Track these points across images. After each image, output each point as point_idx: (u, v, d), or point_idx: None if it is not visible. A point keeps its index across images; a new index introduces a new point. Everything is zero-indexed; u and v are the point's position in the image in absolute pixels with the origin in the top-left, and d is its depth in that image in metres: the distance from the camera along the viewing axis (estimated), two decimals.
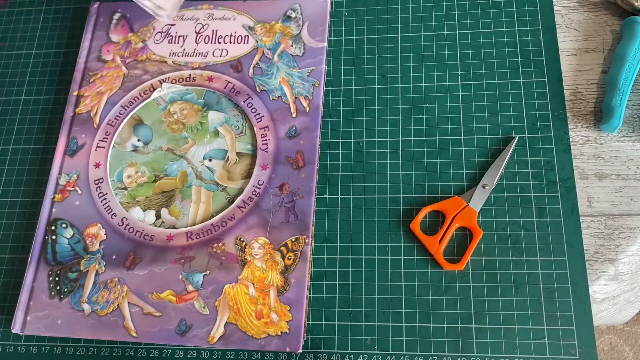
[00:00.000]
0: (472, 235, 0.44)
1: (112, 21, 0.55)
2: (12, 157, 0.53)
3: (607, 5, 0.51)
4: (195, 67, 0.52)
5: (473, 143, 0.47)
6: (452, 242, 0.45)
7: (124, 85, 0.52)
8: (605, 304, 0.48)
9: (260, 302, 0.43)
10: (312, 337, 0.43)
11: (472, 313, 0.43)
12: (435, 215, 0.46)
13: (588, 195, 0.46)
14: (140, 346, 0.45)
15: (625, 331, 1.16)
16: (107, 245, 0.47)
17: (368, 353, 0.43)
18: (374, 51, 0.52)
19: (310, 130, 0.48)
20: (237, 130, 0.50)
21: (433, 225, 0.45)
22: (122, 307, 0.44)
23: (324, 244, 0.46)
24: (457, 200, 0.45)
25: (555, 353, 0.41)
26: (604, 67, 0.49)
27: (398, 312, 0.43)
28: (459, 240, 0.45)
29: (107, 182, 0.49)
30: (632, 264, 0.45)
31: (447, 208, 0.45)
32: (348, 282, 0.45)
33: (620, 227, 0.45)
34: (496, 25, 0.51)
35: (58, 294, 0.46)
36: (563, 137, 0.47)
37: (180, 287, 0.44)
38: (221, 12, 0.54)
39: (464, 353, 0.42)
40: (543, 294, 0.42)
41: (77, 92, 0.53)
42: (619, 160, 0.46)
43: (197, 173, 0.49)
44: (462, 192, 0.46)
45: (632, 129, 0.47)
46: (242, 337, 0.43)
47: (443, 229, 0.44)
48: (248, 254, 0.45)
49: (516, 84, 0.49)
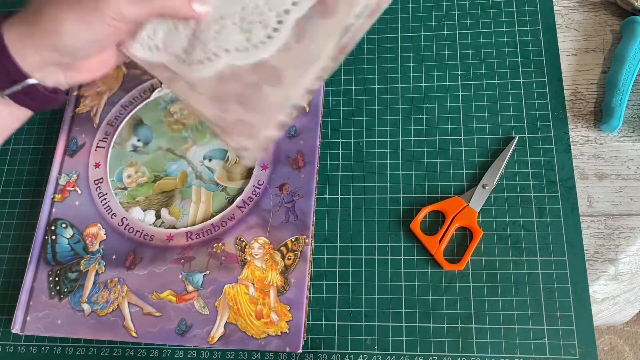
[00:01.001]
0: (472, 235, 0.44)
1: None
2: (12, 157, 0.53)
3: (607, 5, 0.51)
4: None
5: (473, 143, 0.47)
6: (452, 242, 0.45)
7: (124, 85, 0.52)
8: (605, 304, 0.48)
9: (260, 302, 0.43)
10: (312, 337, 0.43)
11: (472, 313, 0.43)
12: (435, 215, 0.46)
13: (588, 195, 0.46)
14: (140, 346, 0.45)
15: (625, 331, 1.16)
16: (107, 245, 0.47)
17: (368, 353, 0.43)
18: (374, 51, 0.52)
19: (310, 130, 0.48)
20: None
21: (433, 225, 0.45)
22: (122, 307, 0.44)
23: (324, 244, 0.46)
24: (457, 200, 0.45)
25: (555, 353, 0.41)
26: (604, 67, 0.49)
27: (398, 312, 0.43)
28: (459, 240, 0.45)
29: (107, 182, 0.49)
30: (632, 264, 0.45)
31: (447, 208, 0.45)
32: (348, 282, 0.45)
33: (620, 227, 0.45)
34: (496, 25, 0.51)
35: (58, 294, 0.46)
36: (563, 137, 0.47)
37: (180, 287, 0.44)
38: None
39: (464, 353, 0.42)
40: (543, 294, 0.42)
41: (77, 92, 0.53)
42: (619, 160, 0.46)
43: (197, 173, 0.49)
44: (462, 192, 0.46)
45: (632, 129, 0.47)
46: (242, 337, 0.43)
47: (443, 229, 0.44)
48: (248, 254, 0.45)
49: (516, 84, 0.49)
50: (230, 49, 0.37)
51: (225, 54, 0.37)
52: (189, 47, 0.37)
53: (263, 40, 0.37)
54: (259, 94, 0.37)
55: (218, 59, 0.37)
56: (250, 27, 0.37)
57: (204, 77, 0.37)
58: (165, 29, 0.37)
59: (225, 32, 0.37)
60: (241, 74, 0.37)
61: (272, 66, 0.37)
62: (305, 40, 0.37)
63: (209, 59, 0.37)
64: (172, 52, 0.38)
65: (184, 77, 0.38)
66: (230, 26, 0.37)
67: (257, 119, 0.38)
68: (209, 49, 0.37)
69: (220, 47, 0.37)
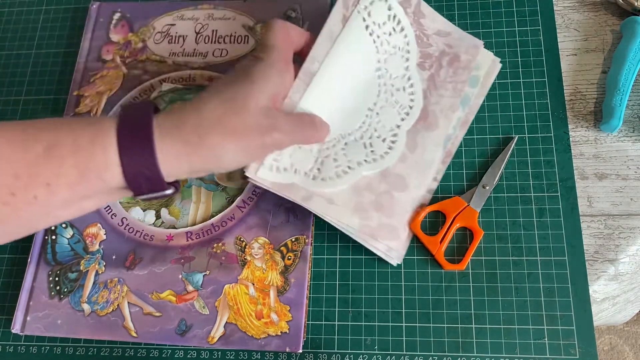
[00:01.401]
0: (472, 235, 0.44)
1: (112, 21, 0.55)
2: None
3: (607, 5, 0.51)
4: (195, 67, 0.52)
5: (473, 143, 0.47)
6: (453, 242, 0.45)
7: (124, 85, 0.52)
8: (605, 304, 0.48)
9: (260, 302, 0.43)
10: (312, 337, 0.43)
11: (472, 313, 0.43)
12: (435, 215, 0.46)
13: (588, 195, 0.46)
14: (140, 346, 0.45)
15: (625, 331, 1.16)
16: (107, 245, 0.47)
17: (368, 353, 0.43)
18: None
19: None
20: None
21: (433, 225, 0.45)
22: (122, 307, 0.44)
23: (324, 244, 0.46)
24: (458, 200, 0.45)
25: (555, 353, 0.41)
26: (604, 67, 0.49)
27: (398, 312, 0.43)
28: (459, 241, 0.45)
29: None
30: (632, 264, 0.45)
31: (447, 208, 0.45)
32: (348, 282, 0.45)
33: (620, 227, 0.45)
34: (496, 25, 0.51)
35: (58, 294, 0.46)
36: (563, 137, 0.47)
37: (180, 287, 0.44)
38: (221, 12, 0.54)
39: (464, 353, 0.42)
40: (543, 294, 0.42)
41: (77, 92, 0.53)
42: (619, 160, 0.46)
43: None
44: (462, 192, 0.46)
45: (632, 129, 0.47)
46: (242, 337, 0.43)
47: (444, 229, 0.44)
48: (248, 254, 0.45)
49: (516, 84, 0.49)
50: (360, 162, 0.42)
51: (358, 166, 0.42)
52: (320, 165, 0.41)
53: (385, 151, 0.43)
54: (391, 199, 0.43)
55: (352, 171, 0.42)
56: (371, 142, 0.43)
57: (341, 191, 0.41)
58: (290, 150, 0.41)
59: (351, 148, 0.42)
60: (372, 184, 0.42)
61: (396, 174, 0.43)
62: (417, 149, 0.44)
63: (344, 172, 0.42)
64: (302, 171, 0.41)
65: (320, 193, 0.41)
66: (354, 142, 0.43)
67: (396, 221, 0.43)
68: (341, 163, 0.42)
69: (352, 161, 0.42)
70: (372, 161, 0.43)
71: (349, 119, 0.43)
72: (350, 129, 0.43)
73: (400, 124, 0.44)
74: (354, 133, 0.43)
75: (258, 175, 0.40)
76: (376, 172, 0.43)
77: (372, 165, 0.43)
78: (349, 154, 0.42)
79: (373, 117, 0.43)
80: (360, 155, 0.43)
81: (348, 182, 0.42)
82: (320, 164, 0.41)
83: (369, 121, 0.43)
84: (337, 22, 0.42)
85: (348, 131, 0.43)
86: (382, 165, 0.43)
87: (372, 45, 0.43)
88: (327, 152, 0.42)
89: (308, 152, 0.41)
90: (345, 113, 0.43)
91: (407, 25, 0.45)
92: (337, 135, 0.42)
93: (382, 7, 0.43)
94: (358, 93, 0.43)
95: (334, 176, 0.41)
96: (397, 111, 0.44)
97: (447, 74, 0.46)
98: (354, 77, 0.43)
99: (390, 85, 0.44)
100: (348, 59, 0.42)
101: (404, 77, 0.45)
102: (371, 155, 0.43)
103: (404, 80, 0.45)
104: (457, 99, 0.45)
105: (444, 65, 0.46)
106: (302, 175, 0.41)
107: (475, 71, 0.47)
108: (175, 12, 0.55)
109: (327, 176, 0.41)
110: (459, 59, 0.46)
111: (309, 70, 0.41)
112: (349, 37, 0.42)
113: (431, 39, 0.46)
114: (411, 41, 0.45)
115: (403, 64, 0.45)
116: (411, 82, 0.45)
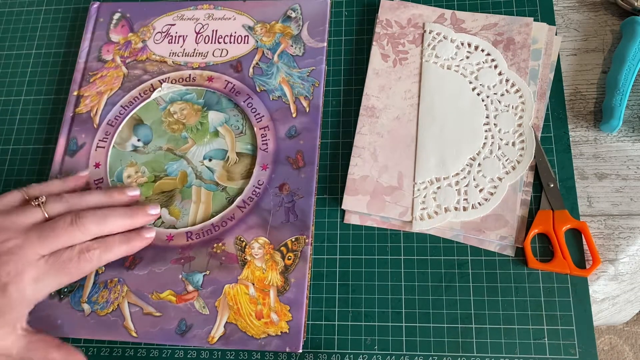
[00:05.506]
0: (578, 232, 0.43)
1: (112, 21, 0.55)
2: (12, 157, 0.53)
3: (607, 5, 0.51)
4: (195, 67, 0.52)
5: None
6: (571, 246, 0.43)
7: (124, 85, 0.52)
8: (605, 304, 0.48)
9: (260, 302, 0.43)
10: (312, 337, 0.43)
11: (472, 313, 0.43)
12: (540, 239, 0.44)
13: (588, 195, 0.46)
14: (140, 346, 0.45)
15: (625, 331, 1.16)
16: None
17: (368, 353, 0.43)
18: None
19: (310, 130, 0.48)
20: (237, 130, 0.50)
21: (543, 251, 0.44)
22: (122, 307, 0.44)
23: (324, 244, 0.46)
24: (543, 213, 0.44)
25: (555, 353, 0.41)
26: (604, 67, 0.49)
27: (398, 312, 0.43)
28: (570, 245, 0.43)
29: (107, 182, 0.49)
30: (632, 264, 0.45)
31: (542, 225, 0.43)
32: (348, 282, 0.45)
33: (620, 227, 0.45)
34: None
35: (58, 294, 0.46)
36: (563, 137, 0.47)
37: (180, 287, 0.44)
38: (221, 12, 0.54)
39: (464, 353, 0.42)
40: (543, 294, 0.42)
41: (77, 92, 0.53)
42: (619, 160, 0.46)
43: (197, 173, 0.49)
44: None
45: (632, 129, 0.47)
46: (242, 337, 0.43)
47: (557, 246, 0.43)
48: (248, 254, 0.45)
49: None
50: (449, 208, 0.44)
51: (445, 213, 0.44)
52: (461, 198, 0.44)
53: (480, 201, 0.44)
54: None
55: (438, 216, 0.44)
56: (467, 190, 0.44)
57: (477, 216, 0.44)
58: (434, 188, 0.45)
59: (442, 193, 0.44)
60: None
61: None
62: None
63: (485, 199, 0.44)
64: (449, 207, 0.44)
65: (463, 222, 0.44)
66: (447, 188, 0.45)
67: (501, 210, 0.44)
68: (427, 206, 0.44)
69: (440, 207, 0.44)
70: (461, 209, 0.44)
71: (447, 164, 0.45)
72: (446, 174, 0.45)
73: (504, 177, 0.44)
74: (450, 179, 0.45)
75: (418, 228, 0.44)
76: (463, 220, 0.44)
77: (460, 214, 0.44)
78: (439, 198, 0.44)
79: (474, 166, 0.45)
80: (451, 201, 0.44)
81: (490, 208, 0.44)
82: (460, 196, 0.44)
83: (469, 169, 0.45)
84: (378, 61, 0.49)
85: (444, 175, 0.45)
86: (470, 215, 0.44)
87: (480, 103, 0.47)
88: (417, 194, 0.45)
89: (447, 190, 0.44)
90: (443, 158, 0.45)
91: (523, 85, 0.47)
92: (432, 178, 0.45)
93: (451, 47, 0.49)
94: (460, 140, 0.46)
95: (417, 217, 0.44)
96: (502, 164, 0.45)
97: (507, 58, 0.48)
98: (457, 123, 0.46)
99: (499, 139, 0.46)
100: (452, 108, 0.47)
101: (515, 133, 0.46)
102: (462, 203, 0.44)
103: (514, 136, 0.46)
104: (525, 77, 0.47)
105: (501, 51, 0.48)
106: (453, 212, 0.44)
107: (534, 45, 0.48)
108: (175, 12, 0.55)
109: (471, 205, 0.44)
110: (513, 42, 0.48)
111: (367, 105, 0.48)
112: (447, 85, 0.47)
113: (479, 36, 0.49)
114: (527, 100, 0.46)
115: (515, 121, 0.46)
116: (522, 139, 0.45)
